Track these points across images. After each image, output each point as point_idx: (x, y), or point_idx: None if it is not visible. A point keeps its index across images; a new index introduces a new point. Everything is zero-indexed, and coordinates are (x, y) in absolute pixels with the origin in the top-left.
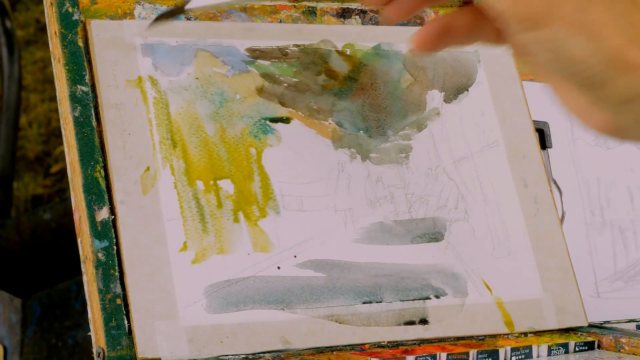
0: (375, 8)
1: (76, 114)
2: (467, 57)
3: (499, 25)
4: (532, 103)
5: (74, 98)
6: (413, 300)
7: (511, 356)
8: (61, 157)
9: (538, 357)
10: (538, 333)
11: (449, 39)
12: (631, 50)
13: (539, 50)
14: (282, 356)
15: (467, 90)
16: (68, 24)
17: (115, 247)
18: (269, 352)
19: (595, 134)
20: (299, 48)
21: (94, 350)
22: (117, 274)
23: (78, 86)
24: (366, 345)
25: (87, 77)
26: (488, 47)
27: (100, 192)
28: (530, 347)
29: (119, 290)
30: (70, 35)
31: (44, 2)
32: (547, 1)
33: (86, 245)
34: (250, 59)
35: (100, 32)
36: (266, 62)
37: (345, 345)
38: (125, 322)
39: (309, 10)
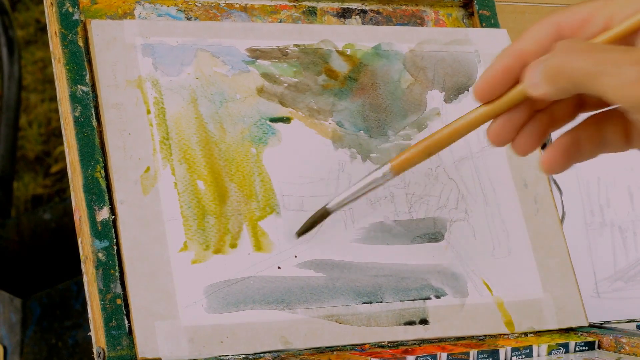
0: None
1: (76, 114)
2: (467, 57)
3: (631, 118)
4: None
5: (74, 98)
6: (413, 300)
7: (511, 356)
8: (61, 157)
9: (538, 356)
10: (538, 333)
11: (578, 154)
12: None
13: None
14: (282, 356)
15: (468, 90)
16: (68, 24)
17: (115, 247)
18: (269, 352)
19: None
20: (299, 48)
21: (94, 350)
22: (117, 274)
23: (78, 86)
24: (366, 345)
25: (87, 77)
26: (618, 152)
27: (100, 192)
28: (530, 347)
29: (119, 290)
30: (70, 35)
31: (44, 2)
32: None
33: (86, 245)
34: (250, 59)
35: (101, 32)
36: (266, 62)
37: (345, 345)
38: (126, 322)
39: (309, 10)
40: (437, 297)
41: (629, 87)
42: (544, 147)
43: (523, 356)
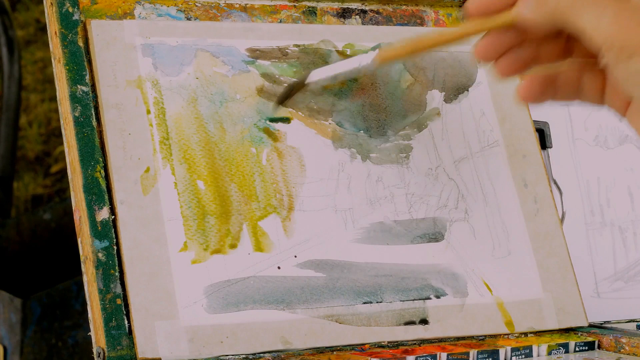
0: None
1: (76, 114)
2: (467, 57)
3: (599, 57)
4: None
5: (74, 98)
6: (413, 300)
7: (511, 356)
8: (61, 157)
9: (538, 356)
10: (538, 333)
11: (553, 92)
12: None
13: (636, 82)
14: (282, 356)
15: (467, 90)
16: (68, 24)
17: (115, 247)
18: (269, 352)
19: None
20: (299, 48)
21: (94, 350)
22: (117, 274)
23: (78, 86)
24: (366, 345)
25: (87, 77)
26: (591, 105)
27: (100, 192)
28: (530, 347)
29: (119, 290)
30: (70, 35)
31: (44, 2)
32: None
33: (86, 245)
34: (250, 59)
35: (101, 32)
36: (266, 62)
37: (345, 345)
38: (126, 322)
39: (309, 10)
40: (437, 297)
41: (604, 26)
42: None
43: (523, 356)
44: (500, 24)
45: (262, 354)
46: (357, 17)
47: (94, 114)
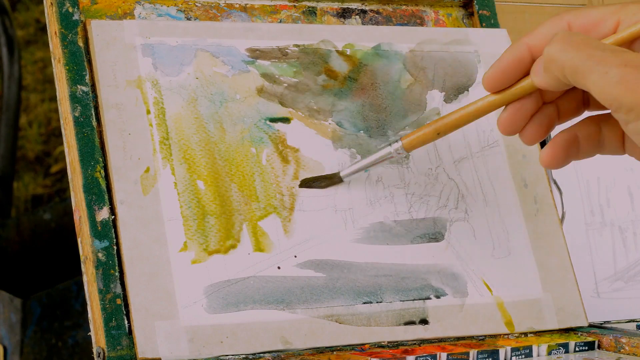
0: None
1: (76, 114)
2: (467, 57)
3: (615, 117)
4: None
5: (74, 98)
6: (413, 300)
7: (511, 356)
8: (61, 157)
9: (538, 356)
10: (538, 333)
11: (576, 152)
12: None
13: None
14: (282, 356)
15: (467, 90)
16: (68, 24)
17: (115, 247)
18: (269, 352)
19: None
20: (299, 48)
21: (94, 350)
22: (117, 274)
23: (78, 86)
24: (366, 345)
25: (87, 77)
26: (614, 155)
27: (100, 192)
28: (530, 347)
29: (119, 290)
30: (70, 35)
31: (44, 2)
32: None
33: (86, 245)
34: (250, 59)
35: (100, 32)
36: (266, 62)
37: (345, 345)
38: (125, 322)
39: (309, 10)
40: (437, 297)
41: (611, 87)
42: (543, 144)
43: (523, 356)
44: (521, 93)
45: (262, 354)
46: (357, 17)
47: (94, 114)
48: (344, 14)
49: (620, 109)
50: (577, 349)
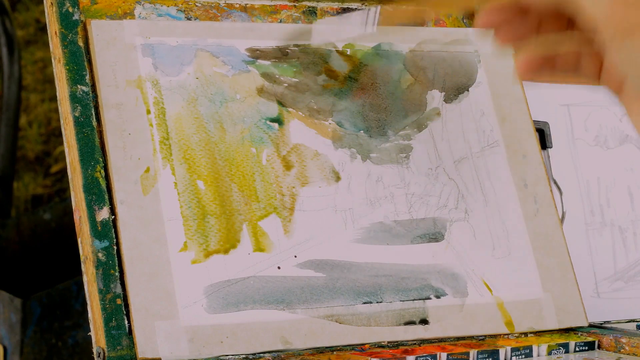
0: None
1: (76, 114)
2: (467, 57)
3: (595, 37)
4: (532, 103)
5: (74, 98)
6: (413, 300)
7: (511, 356)
8: (61, 157)
9: (538, 356)
10: (538, 333)
11: (551, 70)
12: None
13: (630, 62)
14: (282, 356)
15: (468, 90)
16: (68, 24)
17: (115, 247)
18: (269, 352)
19: None
20: (299, 48)
21: (94, 350)
22: (117, 274)
23: (78, 86)
24: (366, 345)
25: (87, 77)
26: (587, 84)
27: (100, 192)
28: (530, 347)
29: (119, 290)
30: (70, 35)
31: (44, 2)
32: None
33: (86, 245)
34: (250, 59)
35: (101, 32)
36: (266, 62)
37: (345, 345)
38: (126, 322)
39: (309, 10)
40: (437, 297)
41: (602, 5)
42: None
43: (523, 356)
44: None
45: (262, 354)
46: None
47: (94, 114)
48: (344, 14)
49: (607, 28)
50: (577, 349)
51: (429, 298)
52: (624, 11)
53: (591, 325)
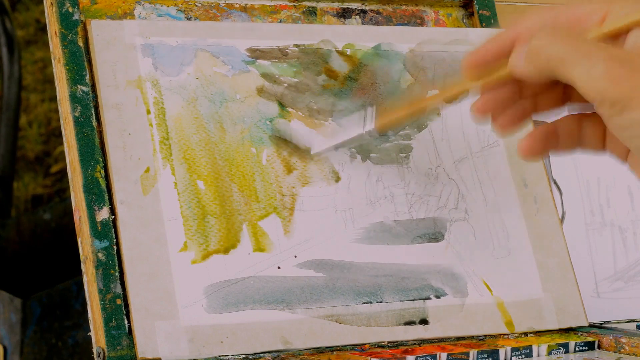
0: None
1: (76, 114)
2: None
3: (594, 108)
4: None
5: (74, 98)
6: (413, 300)
7: (511, 356)
8: (61, 157)
9: (538, 356)
10: (538, 333)
11: (555, 144)
12: None
13: (631, 136)
14: (282, 356)
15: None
16: (68, 24)
17: (115, 247)
18: (269, 352)
19: None
20: (299, 48)
21: (94, 350)
22: (117, 274)
23: (78, 86)
24: (366, 345)
25: (87, 77)
26: (593, 152)
27: (100, 192)
28: (530, 347)
29: (119, 290)
30: (70, 35)
31: (44, 2)
32: (634, 85)
33: (86, 245)
34: (250, 59)
35: (101, 32)
36: (266, 62)
37: (345, 345)
38: (125, 322)
39: (309, 10)
40: (437, 297)
41: (595, 80)
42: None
43: (523, 356)
44: (496, 78)
45: (262, 354)
46: (357, 17)
47: (94, 114)
48: (344, 14)
49: (603, 103)
50: (577, 349)
51: (429, 298)
52: (619, 84)
53: (591, 325)
